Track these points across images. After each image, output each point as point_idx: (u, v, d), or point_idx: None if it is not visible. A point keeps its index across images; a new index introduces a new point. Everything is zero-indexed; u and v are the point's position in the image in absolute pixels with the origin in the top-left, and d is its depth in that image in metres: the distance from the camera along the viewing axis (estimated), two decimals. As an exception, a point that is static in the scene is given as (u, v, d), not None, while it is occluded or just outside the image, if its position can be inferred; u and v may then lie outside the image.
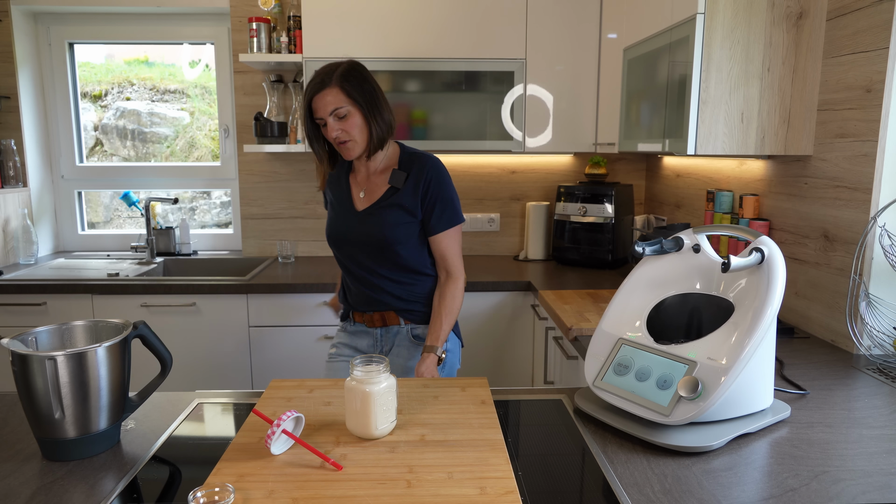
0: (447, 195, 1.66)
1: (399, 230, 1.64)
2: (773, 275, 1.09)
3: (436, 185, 1.64)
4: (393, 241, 1.64)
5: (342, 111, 1.56)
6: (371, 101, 1.59)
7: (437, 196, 1.64)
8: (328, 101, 1.56)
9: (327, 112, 1.56)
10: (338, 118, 1.57)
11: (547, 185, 3.10)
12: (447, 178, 1.67)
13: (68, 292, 2.44)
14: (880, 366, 1.50)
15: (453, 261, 1.69)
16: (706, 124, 1.76)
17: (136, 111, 3.19)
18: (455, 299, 1.67)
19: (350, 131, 1.58)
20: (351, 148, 1.60)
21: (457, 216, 1.68)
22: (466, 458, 0.99)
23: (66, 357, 0.99)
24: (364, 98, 1.58)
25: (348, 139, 1.59)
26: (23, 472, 0.99)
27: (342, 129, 1.58)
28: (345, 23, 2.56)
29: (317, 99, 1.57)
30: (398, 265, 1.68)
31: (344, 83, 1.56)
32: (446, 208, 1.66)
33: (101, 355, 1.02)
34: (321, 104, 1.57)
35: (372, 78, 1.62)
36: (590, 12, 2.62)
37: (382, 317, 1.73)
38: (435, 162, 1.67)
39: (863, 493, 0.94)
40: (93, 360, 1.01)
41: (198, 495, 0.84)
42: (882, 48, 1.51)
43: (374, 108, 1.59)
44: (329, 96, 1.56)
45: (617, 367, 1.17)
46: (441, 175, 1.66)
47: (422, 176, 1.65)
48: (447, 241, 1.67)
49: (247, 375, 2.52)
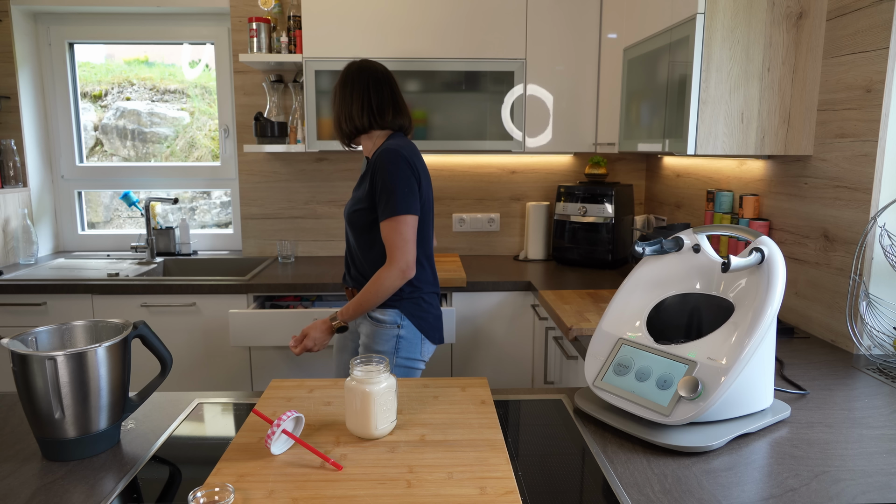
0: (388, 186, 1.70)
1: (355, 216, 1.79)
2: (773, 275, 1.09)
3: (379, 174, 1.71)
4: (351, 223, 1.81)
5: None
6: (333, 98, 1.85)
7: (378, 186, 1.71)
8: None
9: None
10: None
11: (547, 185, 3.10)
12: (393, 169, 1.70)
13: (68, 292, 2.44)
14: (880, 366, 1.50)
15: (390, 248, 1.72)
16: (706, 124, 1.76)
17: (136, 111, 3.19)
18: (378, 282, 1.71)
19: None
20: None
21: (391, 208, 1.69)
22: (466, 458, 0.99)
23: (66, 357, 0.99)
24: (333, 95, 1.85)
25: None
26: (23, 472, 0.99)
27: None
28: (345, 23, 2.56)
29: None
30: (360, 246, 1.81)
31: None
32: (384, 198, 1.71)
33: (101, 355, 1.02)
34: None
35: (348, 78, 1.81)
36: (590, 12, 2.62)
37: (352, 293, 1.90)
38: (386, 153, 1.72)
39: (863, 493, 0.94)
40: (93, 360, 1.01)
41: (198, 495, 0.84)
42: (882, 48, 1.51)
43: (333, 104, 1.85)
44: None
45: (617, 367, 1.17)
46: (386, 165, 1.71)
47: (372, 165, 1.75)
48: (386, 231, 1.72)
49: (247, 375, 2.52)
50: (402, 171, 1.71)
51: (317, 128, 2.61)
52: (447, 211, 3.09)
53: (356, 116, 1.79)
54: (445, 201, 3.08)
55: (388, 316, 1.79)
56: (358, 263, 1.85)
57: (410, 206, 1.70)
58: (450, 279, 2.44)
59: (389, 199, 1.69)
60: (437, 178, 3.06)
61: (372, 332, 1.80)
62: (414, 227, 1.72)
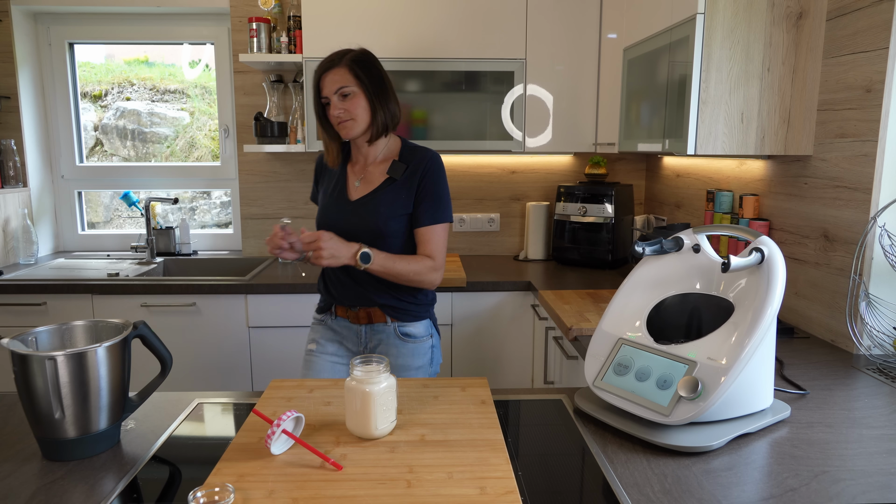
0: (439, 191, 1.64)
1: (392, 223, 1.62)
2: (773, 275, 1.09)
3: (430, 178, 1.64)
4: (385, 232, 1.62)
5: (347, 90, 1.59)
6: (378, 85, 1.63)
7: (429, 190, 1.63)
8: (335, 80, 1.59)
9: (332, 90, 1.59)
10: (342, 97, 1.60)
11: (547, 185, 3.10)
12: (443, 175, 1.66)
13: (68, 292, 2.44)
14: (880, 366, 1.50)
15: (437, 252, 1.64)
16: (706, 124, 1.76)
17: (136, 111, 3.19)
18: (421, 272, 1.60)
19: (352, 111, 1.60)
20: (350, 127, 1.61)
21: (444, 214, 1.65)
22: (466, 458, 0.99)
23: (66, 357, 0.99)
24: (371, 81, 1.61)
25: (349, 118, 1.60)
26: (23, 472, 0.99)
27: (345, 108, 1.60)
28: (345, 23, 2.56)
29: (325, 77, 1.61)
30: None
31: (353, 65, 1.60)
32: (435, 203, 1.64)
33: (101, 355, 1.02)
34: (327, 82, 1.60)
35: (382, 68, 1.66)
36: (590, 12, 2.62)
37: (368, 313, 1.69)
38: (434, 156, 1.67)
39: (863, 493, 0.94)
40: (93, 360, 1.01)
41: (198, 495, 0.84)
42: (882, 48, 1.51)
43: (380, 93, 1.63)
44: (336, 75, 1.60)
45: (617, 367, 1.17)
46: (438, 170, 1.65)
47: (419, 168, 1.64)
48: (430, 235, 1.64)
49: (247, 375, 2.52)
50: (446, 177, 1.69)
51: (317, 128, 2.61)
52: (447, 211, 3.09)
53: (397, 112, 1.67)
54: (445, 201, 3.08)
55: (420, 329, 1.71)
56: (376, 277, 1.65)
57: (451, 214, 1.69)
58: (450, 279, 2.44)
59: (437, 204, 1.63)
60: (437, 178, 3.06)
61: (406, 350, 1.69)
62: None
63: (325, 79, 1.61)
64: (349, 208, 1.67)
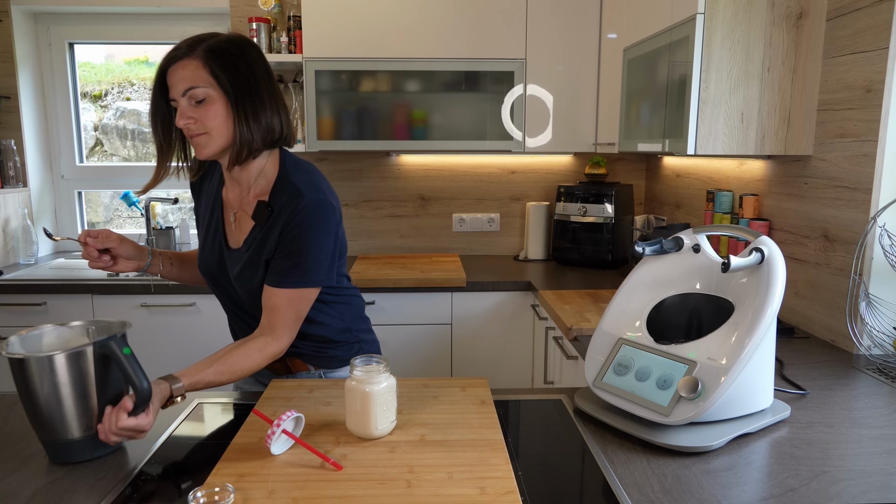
0: (304, 249, 1.23)
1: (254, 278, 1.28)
2: (773, 275, 1.09)
3: (294, 233, 1.22)
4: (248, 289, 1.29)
5: (199, 92, 1.17)
6: (245, 90, 1.19)
7: (290, 245, 1.23)
8: (184, 76, 1.17)
9: (180, 91, 1.17)
10: (193, 102, 1.18)
11: (547, 185, 3.10)
12: (316, 230, 1.23)
13: (68, 292, 2.44)
14: (880, 366, 1.50)
15: (281, 319, 1.24)
16: (706, 124, 1.76)
17: (136, 111, 3.19)
18: (249, 358, 1.20)
19: (206, 122, 1.18)
20: (204, 144, 1.20)
21: (303, 279, 1.24)
22: (466, 458, 0.99)
23: (65, 357, 0.98)
24: (235, 84, 1.19)
25: (202, 132, 1.19)
26: (23, 472, 0.99)
27: (195, 117, 1.18)
28: (345, 23, 2.56)
29: (171, 71, 1.18)
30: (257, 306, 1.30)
31: (211, 57, 1.17)
32: (289, 261, 1.23)
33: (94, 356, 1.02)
34: (176, 78, 1.18)
35: (261, 62, 1.24)
36: (590, 12, 2.62)
37: (286, 364, 1.40)
38: (308, 206, 1.22)
39: (863, 493, 0.94)
40: (89, 359, 1.01)
41: (198, 495, 0.84)
42: (882, 48, 1.51)
43: (245, 100, 1.19)
44: (186, 70, 1.17)
45: (617, 367, 1.17)
46: (309, 223, 1.22)
47: (282, 216, 1.23)
48: (281, 301, 1.23)
49: (247, 375, 2.52)
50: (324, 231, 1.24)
51: (317, 128, 2.61)
52: (447, 211, 3.09)
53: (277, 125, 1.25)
54: (445, 201, 3.08)
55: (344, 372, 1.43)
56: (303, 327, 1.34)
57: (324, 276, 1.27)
58: (450, 279, 2.44)
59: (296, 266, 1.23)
60: (438, 178, 3.06)
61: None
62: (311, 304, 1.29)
63: (171, 74, 1.18)
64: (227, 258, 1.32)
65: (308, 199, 1.22)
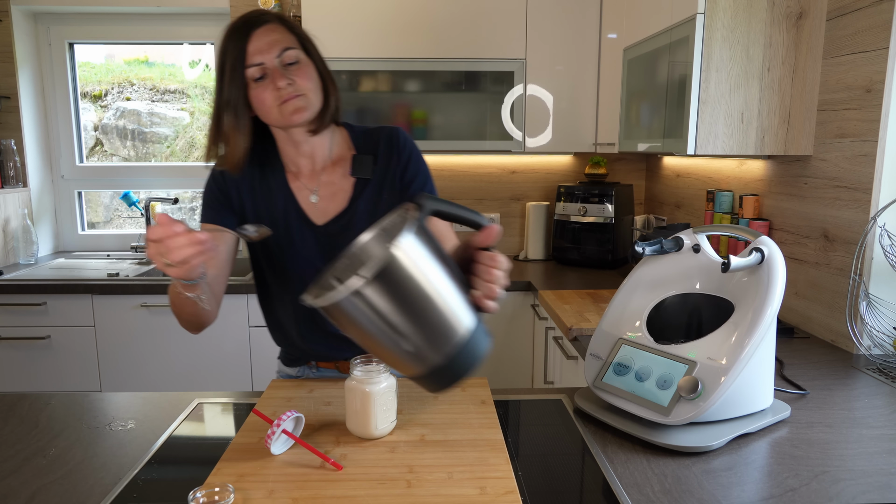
0: (426, 168, 1.28)
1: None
2: (773, 275, 1.09)
3: (412, 158, 1.25)
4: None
5: (293, 54, 1.13)
6: (320, 57, 1.20)
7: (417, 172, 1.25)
8: (276, 39, 1.12)
9: (274, 53, 1.12)
10: (285, 64, 1.13)
11: (547, 185, 3.10)
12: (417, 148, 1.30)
13: (68, 292, 2.44)
14: (880, 366, 1.50)
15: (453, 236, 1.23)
16: (706, 124, 1.76)
17: (136, 111, 3.19)
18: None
19: (303, 84, 1.14)
20: (302, 106, 1.14)
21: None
22: (466, 458, 0.99)
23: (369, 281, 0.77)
24: (314, 49, 1.19)
25: (298, 93, 1.13)
26: (23, 472, 0.99)
27: (293, 79, 1.13)
28: (345, 23, 2.56)
29: (257, 36, 1.12)
30: None
31: (290, 24, 1.17)
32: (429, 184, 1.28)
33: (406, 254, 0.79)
34: (265, 42, 1.12)
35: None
36: (590, 12, 2.62)
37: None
38: (396, 128, 1.27)
39: (863, 493, 0.94)
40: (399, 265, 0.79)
41: (198, 495, 0.84)
42: (882, 48, 1.51)
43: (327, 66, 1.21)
44: (276, 33, 1.13)
45: (617, 367, 1.17)
46: (412, 144, 1.28)
47: (391, 152, 1.25)
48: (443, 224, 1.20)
49: (247, 375, 2.52)
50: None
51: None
52: (447, 211, 3.08)
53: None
54: (445, 201, 3.08)
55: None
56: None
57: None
58: (450, 279, 2.44)
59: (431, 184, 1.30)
60: (438, 177, 3.05)
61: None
62: None
63: (257, 38, 1.11)
64: (318, 239, 1.25)
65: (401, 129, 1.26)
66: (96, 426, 1.15)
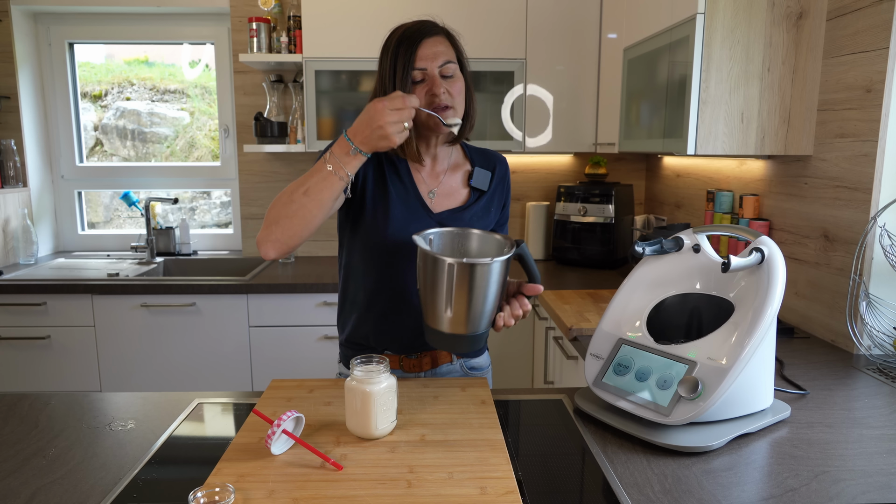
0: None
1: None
2: (773, 275, 1.09)
3: (508, 189, 1.47)
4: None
5: (452, 67, 1.27)
6: (470, 75, 1.34)
7: (507, 204, 1.46)
8: (441, 51, 1.26)
9: (438, 62, 1.25)
10: (444, 77, 1.27)
11: (547, 185, 3.10)
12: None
13: (68, 292, 2.44)
14: (880, 366, 1.50)
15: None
16: (706, 124, 1.76)
17: (136, 111, 3.19)
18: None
19: (455, 96, 1.27)
20: (451, 115, 1.28)
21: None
22: (466, 458, 0.99)
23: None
24: (467, 67, 1.33)
25: (449, 104, 1.25)
26: (23, 472, 0.99)
27: (448, 90, 1.26)
28: (345, 23, 2.56)
29: (426, 44, 1.26)
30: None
31: (453, 40, 1.33)
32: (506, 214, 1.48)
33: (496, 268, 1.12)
34: (432, 52, 1.26)
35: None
36: (590, 12, 2.62)
37: (432, 357, 1.39)
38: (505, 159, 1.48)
39: (863, 493, 0.94)
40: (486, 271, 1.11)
41: (198, 495, 0.84)
42: (882, 48, 1.51)
43: (472, 85, 1.34)
44: (442, 45, 1.28)
45: (617, 367, 1.17)
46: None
47: (503, 176, 1.44)
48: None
49: (247, 375, 2.52)
50: None
51: (317, 128, 2.61)
52: (447, 211, 3.08)
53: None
54: (445, 201, 3.08)
55: (484, 360, 1.50)
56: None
57: None
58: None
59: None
60: (437, 178, 3.06)
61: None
62: None
63: (426, 46, 1.26)
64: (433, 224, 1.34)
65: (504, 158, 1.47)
66: (96, 426, 1.16)
